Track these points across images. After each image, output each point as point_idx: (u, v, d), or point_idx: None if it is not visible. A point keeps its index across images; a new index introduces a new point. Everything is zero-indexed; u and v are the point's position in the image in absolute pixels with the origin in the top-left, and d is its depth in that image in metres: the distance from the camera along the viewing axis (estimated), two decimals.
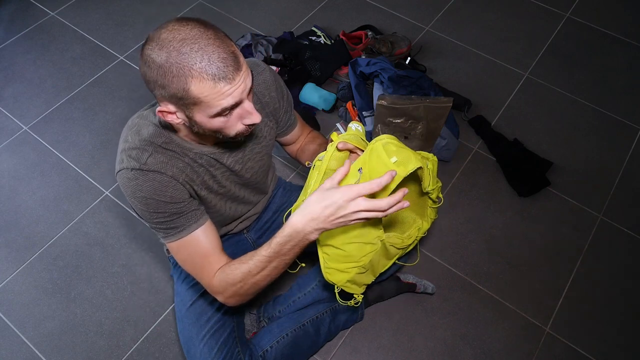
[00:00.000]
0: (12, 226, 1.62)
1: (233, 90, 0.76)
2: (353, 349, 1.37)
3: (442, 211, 1.61)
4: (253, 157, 1.06)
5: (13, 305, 1.47)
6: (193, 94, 0.75)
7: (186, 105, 0.78)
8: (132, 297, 1.47)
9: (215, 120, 0.80)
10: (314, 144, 1.16)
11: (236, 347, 1.11)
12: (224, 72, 0.74)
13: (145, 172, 0.87)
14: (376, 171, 0.86)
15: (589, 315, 1.42)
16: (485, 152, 1.75)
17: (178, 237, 0.93)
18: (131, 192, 0.88)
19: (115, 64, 2.03)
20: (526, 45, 2.05)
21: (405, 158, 0.87)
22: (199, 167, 0.96)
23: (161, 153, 0.90)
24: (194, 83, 0.74)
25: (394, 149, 0.88)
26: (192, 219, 0.94)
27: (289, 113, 1.13)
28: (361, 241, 0.91)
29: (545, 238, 1.56)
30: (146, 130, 0.90)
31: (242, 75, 0.77)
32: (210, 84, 0.74)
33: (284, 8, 2.20)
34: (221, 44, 0.75)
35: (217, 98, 0.75)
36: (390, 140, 0.90)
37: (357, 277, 0.96)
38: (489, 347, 1.37)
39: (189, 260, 0.96)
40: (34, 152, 1.79)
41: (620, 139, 1.78)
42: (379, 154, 0.87)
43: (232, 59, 0.75)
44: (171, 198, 0.90)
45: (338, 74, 1.90)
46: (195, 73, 0.73)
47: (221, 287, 0.93)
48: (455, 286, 1.48)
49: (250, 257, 0.89)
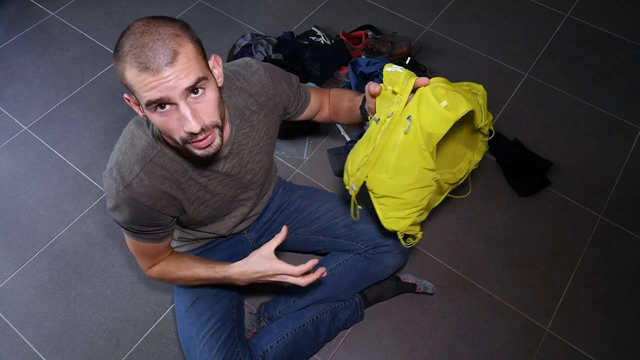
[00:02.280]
0: (12, 226, 1.62)
1: (157, 84, 0.75)
2: (353, 349, 1.37)
3: (442, 211, 1.61)
4: (252, 159, 1.06)
5: (13, 305, 1.47)
6: (126, 79, 0.77)
7: (131, 94, 0.81)
8: (132, 297, 1.47)
9: (153, 116, 0.80)
10: (344, 102, 1.15)
11: (236, 347, 1.12)
12: (149, 63, 0.74)
13: (126, 198, 0.91)
14: (426, 117, 0.85)
15: (589, 315, 1.42)
16: (486, 152, 1.75)
17: (138, 239, 1.01)
18: (111, 201, 0.94)
19: None
20: (526, 45, 2.05)
21: (456, 101, 0.85)
22: (187, 181, 0.97)
23: (148, 174, 0.91)
24: (126, 69, 0.76)
25: (443, 92, 0.85)
26: (159, 235, 1.02)
27: (297, 95, 1.11)
28: (419, 186, 0.93)
29: (545, 238, 1.56)
30: (139, 142, 0.92)
31: (174, 69, 0.75)
32: (136, 71, 0.75)
33: (284, 8, 2.20)
34: (163, 37, 0.75)
35: (142, 88, 0.76)
36: (439, 84, 0.87)
37: (417, 219, 1.00)
38: (489, 347, 1.37)
39: (138, 253, 1.06)
40: (34, 152, 1.79)
41: (620, 139, 1.78)
42: (429, 98, 0.85)
43: (165, 53, 0.74)
44: (147, 219, 0.96)
45: (338, 74, 1.90)
46: (127, 59, 0.75)
47: (155, 276, 1.10)
48: (455, 286, 1.47)
49: (189, 268, 1.07)
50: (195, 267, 1.06)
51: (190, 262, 1.08)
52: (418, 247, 1.55)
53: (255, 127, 1.04)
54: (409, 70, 0.91)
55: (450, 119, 0.84)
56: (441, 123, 0.85)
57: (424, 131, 0.86)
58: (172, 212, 0.99)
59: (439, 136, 0.86)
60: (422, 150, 0.88)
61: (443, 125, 0.85)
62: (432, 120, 0.84)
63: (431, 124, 0.85)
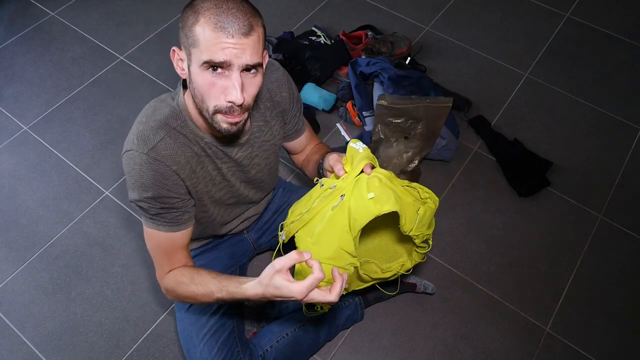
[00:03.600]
0: (12, 226, 1.62)
1: (228, 45, 0.77)
2: (353, 349, 1.37)
3: (442, 211, 1.61)
4: (261, 154, 1.07)
5: (13, 305, 1.47)
6: (195, 33, 0.79)
7: (188, 48, 0.81)
8: (132, 297, 1.47)
9: (203, 75, 0.81)
10: (318, 154, 1.15)
11: (236, 347, 1.12)
12: (228, 25, 0.77)
13: (151, 161, 0.88)
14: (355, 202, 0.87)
15: (589, 315, 1.42)
16: (485, 152, 1.75)
17: (158, 228, 0.96)
18: (132, 175, 0.90)
19: (115, 64, 2.03)
20: (526, 45, 2.05)
21: (384, 198, 0.86)
22: (205, 157, 0.97)
23: (173, 138, 0.91)
24: (199, 22, 0.78)
25: (376, 184, 0.88)
26: (179, 218, 0.96)
27: (297, 117, 1.13)
28: (334, 264, 0.91)
29: (545, 238, 1.56)
30: (162, 111, 0.92)
31: (246, 42, 0.78)
32: (212, 27, 0.77)
33: (284, 8, 2.20)
34: (245, 10, 0.79)
35: (211, 45, 0.78)
36: (378, 175, 0.90)
37: None
38: (489, 347, 1.37)
39: (155, 249, 1.00)
40: (34, 152, 1.79)
41: (620, 139, 1.78)
42: (361, 186, 0.88)
43: (244, 23, 0.78)
44: (169, 191, 0.92)
45: (338, 74, 1.90)
46: (206, 14, 0.78)
47: (168, 287, 0.99)
48: (455, 286, 1.48)
49: (202, 284, 0.93)
50: (207, 281, 0.93)
51: (205, 277, 0.95)
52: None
53: (269, 123, 1.05)
54: (369, 153, 0.93)
55: (373, 212, 0.85)
56: (364, 213, 0.86)
57: (351, 215, 0.87)
58: (190, 188, 0.97)
59: (361, 224, 0.87)
60: (345, 232, 0.89)
61: (366, 216, 0.86)
62: (357, 206, 0.87)
63: (357, 210, 0.87)
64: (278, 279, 0.78)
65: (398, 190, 0.91)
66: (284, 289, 0.78)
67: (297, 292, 0.77)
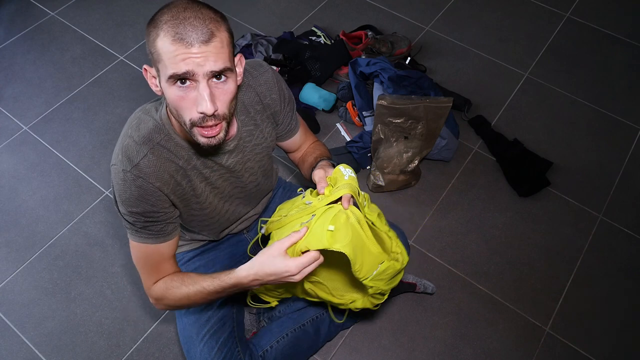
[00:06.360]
0: (12, 226, 1.62)
1: (189, 55, 0.76)
2: (353, 349, 1.37)
3: (442, 211, 1.61)
4: (253, 158, 1.06)
5: (13, 305, 1.47)
6: (157, 48, 0.78)
7: (156, 64, 0.81)
8: (132, 297, 1.47)
9: (171, 90, 0.80)
10: (312, 157, 1.14)
11: (236, 347, 1.11)
12: (186, 36, 0.76)
13: (134, 178, 0.89)
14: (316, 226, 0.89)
15: (589, 315, 1.42)
16: (485, 152, 1.75)
17: (145, 241, 0.96)
18: (117, 190, 0.92)
19: (115, 64, 2.03)
20: (526, 45, 2.05)
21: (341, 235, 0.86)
22: (192, 169, 0.96)
23: (156, 154, 0.90)
24: (160, 36, 0.77)
25: (342, 220, 0.88)
26: (164, 230, 0.97)
27: (290, 118, 1.12)
28: None
29: (545, 238, 1.56)
30: (146, 125, 0.91)
31: (207, 50, 0.77)
32: (170, 40, 0.76)
33: (284, 8, 2.20)
34: (204, 17, 0.78)
35: (172, 58, 0.76)
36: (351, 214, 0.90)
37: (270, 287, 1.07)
38: (489, 347, 1.37)
39: (142, 261, 1.00)
40: (34, 152, 1.79)
41: (620, 139, 1.78)
42: (329, 214, 0.89)
43: (203, 31, 0.76)
44: (152, 206, 0.92)
45: (338, 74, 1.90)
46: (164, 27, 0.77)
47: (158, 295, 0.99)
48: (455, 286, 1.47)
49: (193, 283, 0.95)
50: (200, 280, 0.96)
51: (195, 276, 0.98)
52: (418, 247, 1.55)
53: (259, 126, 1.04)
54: (353, 182, 0.93)
55: (324, 244, 0.85)
56: (316, 240, 0.86)
57: (308, 237, 0.88)
58: (176, 201, 0.97)
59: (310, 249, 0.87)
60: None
61: (316, 243, 0.86)
62: (316, 232, 0.87)
63: (314, 235, 0.88)
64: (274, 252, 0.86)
65: (365, 236, 0.90)
66: (279, 263, 0.84)
67: (293, 266, 0.84)
